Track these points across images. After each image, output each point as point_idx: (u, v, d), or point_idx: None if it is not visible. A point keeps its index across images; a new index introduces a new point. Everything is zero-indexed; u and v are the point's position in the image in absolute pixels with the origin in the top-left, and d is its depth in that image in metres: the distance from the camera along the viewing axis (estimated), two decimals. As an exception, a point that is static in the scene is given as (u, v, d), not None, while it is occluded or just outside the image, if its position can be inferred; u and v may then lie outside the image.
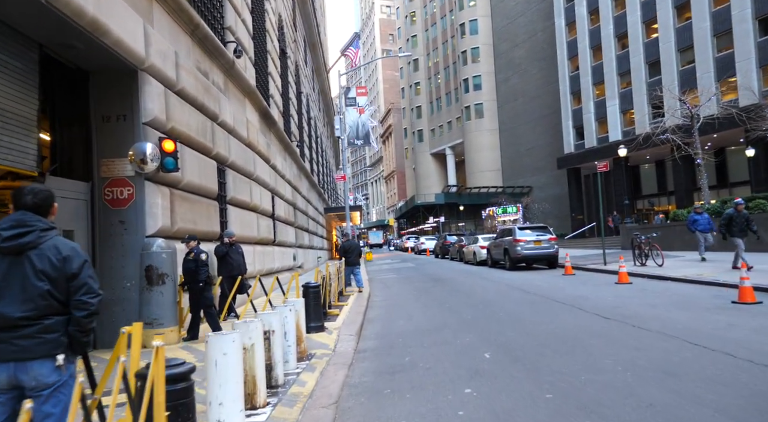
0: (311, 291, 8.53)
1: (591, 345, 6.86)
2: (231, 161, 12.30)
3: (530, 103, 59.57)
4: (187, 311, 8.62)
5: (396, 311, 11.52)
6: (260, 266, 14.54)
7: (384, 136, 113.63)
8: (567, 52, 47.92)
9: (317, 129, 41.04)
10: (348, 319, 9.95)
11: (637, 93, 40.21)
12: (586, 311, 9.50)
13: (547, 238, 20.48)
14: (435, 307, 11.62)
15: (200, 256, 8.12)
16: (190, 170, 9.57)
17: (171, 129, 8.82)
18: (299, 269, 21.99)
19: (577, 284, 14.14)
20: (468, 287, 15.47)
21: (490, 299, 12.29)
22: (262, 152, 15.80)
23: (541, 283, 15.10)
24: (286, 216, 19.81)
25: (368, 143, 25.75)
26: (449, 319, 9.79)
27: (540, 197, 55.57)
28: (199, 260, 8.11)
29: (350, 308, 11.57)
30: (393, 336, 8.57)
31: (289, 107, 23.79)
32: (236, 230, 12.41)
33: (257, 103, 15.73)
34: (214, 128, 11.16)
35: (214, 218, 10.85)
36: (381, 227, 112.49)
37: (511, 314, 9.73)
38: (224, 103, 12.03)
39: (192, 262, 8.14)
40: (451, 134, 75.71)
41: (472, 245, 26.98)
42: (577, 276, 16.60)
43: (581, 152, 45.84)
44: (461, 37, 69.24)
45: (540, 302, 11.17)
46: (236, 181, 12.63)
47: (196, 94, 10.10)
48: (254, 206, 14.26)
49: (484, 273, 20.12)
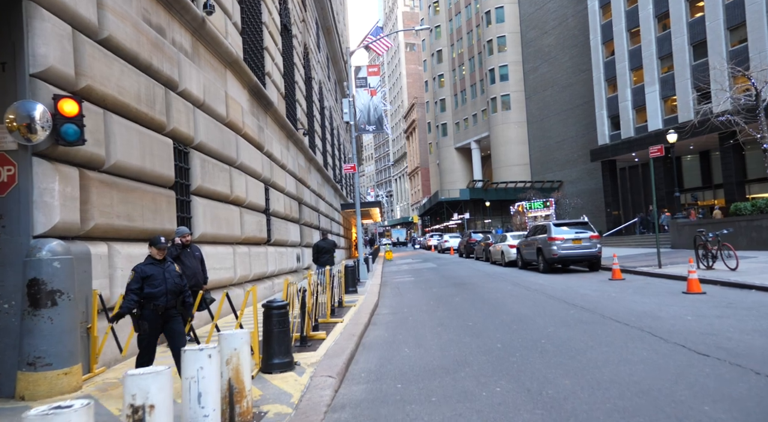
0: (274, 314, 6.02)
1: (709, 417, 4.21)
2: (199, 143, 9.87)
3: (560, 94, 56.28)
4: (103, 340, 6.19)
5: (403, 331, 8.96)
6: (245, 270, 12.12)
7: (408, 131, 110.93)
8: (601, 37, 44.63)
9: (333, 121, 38.63)
10: (336, 346, 7.42)
11: (680, 77, 36.84)
12: (664, 340, 6.81)
13: (588, 236, 17.68)
14: (454, 326, 9.02)
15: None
16: (125, 147, 7.15)
17: (85, 89, 6.41)
18: (306, 270, 19.56)
19: (633, 294, 11.38)
20: (496, 295, 12.83)
21: (524, 314, 9.64)
22: (251, 137, 13.38)
23: (587, 291, 12.37)
24: (286, 212, 17.38)
25: (381, 129, 23.16)
26: (472, 348, 7.19)
27: (571, 192, 52.38)
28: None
29: (345, 326, 9.04)
30: (390, 378, 6.02)
31: (294, 90, 21.37)
32: (207, 228, 10.00)
33: (244, 78, 13.31)
34: (170, 98, 8.74)
35: (168, 213, 8.42)
36: (405, 224, 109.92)
37: (559, 343, 7.09)
38: (189, 70, 9.61)
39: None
40: (476, 128, 72.62)
41: (500, 244, 24.25)
42: (629, 282, 13.81)
43: (617, 143, 42.57)
44: (487, 25, 66.11)
45: (593, 321, 8.49)
46: (207, 167, 10.20)
47: (137, 50, 7.68)
48: (236, 198, 11.84)
49: (515, 277, 17.43)
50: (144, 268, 5.47)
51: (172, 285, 5.56)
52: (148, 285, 5.40)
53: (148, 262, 5.55)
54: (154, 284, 5.42)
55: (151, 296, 5.40)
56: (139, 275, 5.39)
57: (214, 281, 10.07)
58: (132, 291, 5.32)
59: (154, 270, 5.49)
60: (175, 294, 5.57)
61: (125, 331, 6.48)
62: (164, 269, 5.55)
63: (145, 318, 5.36)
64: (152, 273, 5.45)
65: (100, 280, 6.44)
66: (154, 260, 5.57)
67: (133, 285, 5.34)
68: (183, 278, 5.80)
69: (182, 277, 5.80)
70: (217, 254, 10.44)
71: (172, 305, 5.54)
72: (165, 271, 5.55)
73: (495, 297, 12.47)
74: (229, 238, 11.36)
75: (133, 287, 5.34)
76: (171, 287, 5.54)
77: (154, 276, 5.45)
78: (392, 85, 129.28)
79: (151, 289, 5.41)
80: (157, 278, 5.45)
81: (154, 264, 5.54)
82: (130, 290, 5.33)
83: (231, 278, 11.17)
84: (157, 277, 5.45)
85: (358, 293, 14.21)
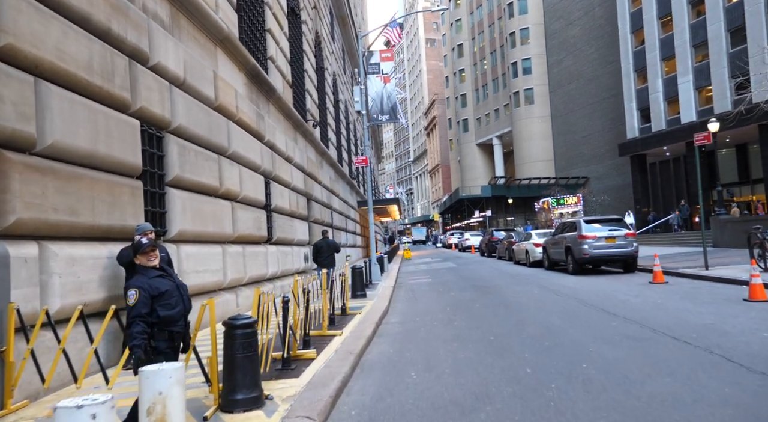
0: (238, 334, 4.63)
1: None
2: (178, 126, 8.55)
3: (586, 87, 54.17)
4: (21, 367, 4.86)
5: (413, 346, 7.53)
6: (237, 272, 10.79)
7: (428, 128, 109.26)
8: (630, 25, 42.53)
9: (349, 115, 37.29)
10: (326, 369, 6.03)
11: (716, 66, 34.67)
12: (747, 369, 5.27)
13: (623, 234, 16.03)
14: (473, 341, 7.57)
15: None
16: (67, 125, 5.84)
17: (5, 48, 5.11)
18: (315, 271, 18.24)
19: (682, 301, 9.78)
20: (521, 301, 11.32)
21: (556, 326, 8.14)
22: (248, 124, 12.06)
23: (626, 296, 10.79)
24: (292, 208, 16.05)
25: (394, 119, 21.68)
26: (494, 373, 5.73)
27: (598, 188, 50.25)
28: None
29: (344, 340, 7.64)
30: (389, 418, 4.61)
31: (303, 79, 20.04)
32: (188, 225, 8.69)
33: (240, 59, 11.99)
34: (136, 72, 7.42)
35: (132, 206, 7.10)
36: (425, 222, 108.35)
37: (605, 368, 5.59)
38: (165, 43, 8.29)
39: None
40: (498, 123, 70.65)
41: (525, 243, 22.65)
42: (673, 286, 12.19)
43: (647, 136, 40.48)
44: (509, 17, 64.12)
45: (643, 336, 6.97)
46: (188, 155, 8.88)
47: (88, 10, 6.37)
48: (227, 192, 10.51)
49: (541, 278, 15.86)
50: (151, 282, 3.95)
51: (189, 303, 4.22)
52: (162, 307, 3.92)
53: (152, 274, 4.04)
54: (171, 304, 3.99)
55: (170, 321, 3.96)
56: (148, 294, 3.86)
57: (196, 286, 8.76)
58: (140, 319, 3.79)
59: (167, 285, 4.02)
60: (188, 313, 4.26)
61: (48, 355, 5.13)
62: (177, 283, 4.16)
63: (160, 352, 3.92)
64: (166, 289, 3.98)
65: (24, 289, 5.13)
66: (158, 271, 4.10)
67: (141, 309, 3.81)
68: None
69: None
70: (201, 254, 9.12)
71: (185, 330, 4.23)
72: (179, 285, 4.16)
73: (520, 303, 10.96)
74: (218, 236, 10.03)
75: (143, 311, 3.81)
76: (188, 306, 4.21)
77: (170, 293, 4.00)
78: (412, 82, 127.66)
79: (168, 310, 3.95)
80: (173, 294, 4.02)
81: (163, 277, 4.07)
82: (138, 318, 3.79)
83: (219, 281, 9.85)
84: (172, 293, 4.03)
85: (366, 298, 12.82)
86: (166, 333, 3.96)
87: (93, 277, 6.20)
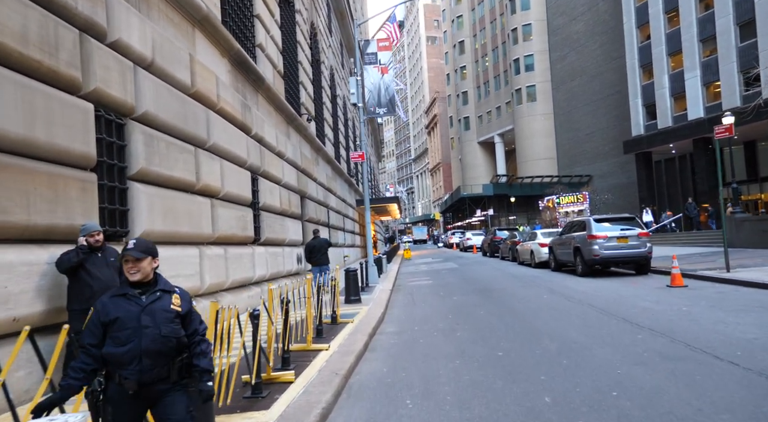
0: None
1: None
2: (144, 113, 7.54)
3: (590, 83, 53.11)
4: None
5: (409, 363, 6.53)
6: (218, 277, 9.79)
7: (429, 127, 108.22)
8: (635, 20, 41.47)
9: (347, 111, 36.27)
10: (304, 398, 5.02)
11: (725, 61, 33.61)
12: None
13: (636, 233, 15.00)
14: (479, 357, 6.56)
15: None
16: (-7, 105, 4.85)
17: None
18: (309, 273, 17.24)
19: (712, 309, 8.76)
20: (531, 307, 10.31)
21: (574, 340, 7.13)
22: (231, 115, 11.04)
23: (647, 303, 9.77)
24: (284, 207, 15.05)
25: (393, 112, 20.61)
26: (506, 403, 4.73)
27: (601, 186, 49.24)
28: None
29: (330, 356, 6.63)
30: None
31: (297, 71, 19.03)
32: (156, 224, 7.69)
33: (223, 44, 10.98)
34: (89, 48, 6.41)
35: (82, 203, 6.09)
36: (426, 221, 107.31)
37: (642, 400, 4.57)
38: (127, 17, 7.28)
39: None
40: (500, 121, 69.59)
41: (529, 242, 21.64)
42: (694, 290, 11.17)
43: (653, 133, 39.43)
44: (511, 13, 63.04)
45: (678, 355, 5.94)
46: (157, 146, 7.87)
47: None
48: (205, 188, 9.50)
49: (549, 281, 14.86)
50: (107, 302, 2.93)
51: (153, 339, 2.88)
52: (111, 339, 2.87)
53: (119, 292, 2.99)
54: (120, 339, 2.86)
55: (116, 363, 2.86)
56: (98, 318, 2.89)
57: (166, 293, 7.76)
58: (83, 351, 2.87)
59: (123, 310, 2.90)
60: (164, 355, 2.94)
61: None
62: (143, 306, 2.93)
63: (108, 400, 2.89)
64: (117, 317, 2.87)
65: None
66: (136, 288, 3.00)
67: (86, 338, 2.87)
68: (180, 322, 3.05)
69: (184, 318, 3.08)
70: (173, 257, 8.12)
71: (159, 376, 2.92)
72: (145, 309, 2.92)
73: (530, 310, 9.95)
74: (194, 237, 9.03)
75: (86, 342, 2.87)
76: (152, 342, 2.88)
77: (122, 323, 2.87)
78: (413, 80, 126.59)
79: (114, 347, 2.85)
80: (126, 325, 2.87)
81: (126, 297, 2.94)
82: (82, 348, 2.87)
83: (195, 287, 8.85)
84: (126, 324, 2.87)
85: (361, 304, 11.82)
86: (116, 376, 2.87)
87: (27, 287, 5.20)
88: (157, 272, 3.20)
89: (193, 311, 3.19)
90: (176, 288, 3.19)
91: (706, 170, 35.99)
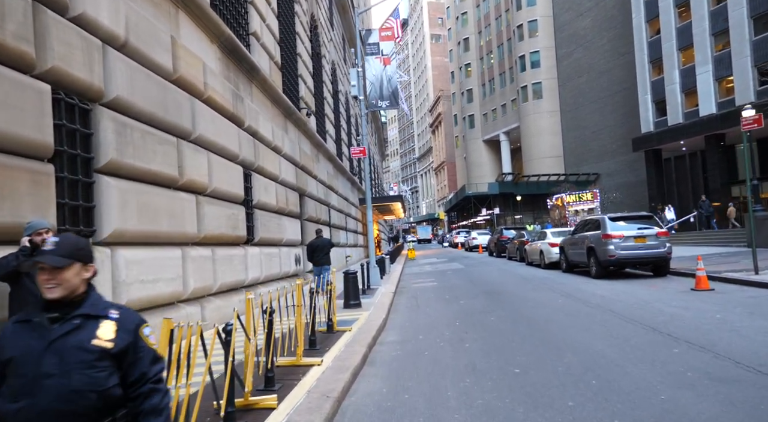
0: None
1: None
2: (115, 98, 6.71)
3: (597, 80, 52.11)
4: None
5: (413, 382, 5.68)
6: (204, 280, 8.96)
7: (433, 125, 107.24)
8: (645, 14, 40.49)
9: (350, 107, 35.43)
10: (288, 428, 4.19)
11: (738, 55, 32.63)
12: None
13: (654, 232, 14.12)
14: (493, 375, 5.71)
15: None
16: None
17: None
18: (309, 273, 16.46)
19: (752, 317, 7.85)
20: (545, 313, 9.45)
21: (600, 354, 6.26)
22: (220, 105, 10.22)
23: (673, 309, 8.89)
24: (281, 205, 14.23)
25: (395, 105, 19.79)
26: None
27: (609, 185, 48.29)
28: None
29: (322, 373, 5.78)
30: None
31: (295, 63, 18.21)
32: (130, 223, 6.86)
33: (212, 28, 10.17)
34: (45, 21, 5.59)
35: (33, 198, 5.27)
36: (431, 221, 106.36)
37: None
38: (97, -10, 6.46)
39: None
40: (505, 119, 68.60)
41: (539, 242, 20.76)
42: (722, 294, 10.28)
43: (663, 130, 38.45)
44: (517, 9, 62.07)
45: (730, 376, 5.07)
46: (131, 135, 7.05)
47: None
48: (190, 183, 8.68)
49: (562, 284, 13.99)
50: (5, 333, 2.03)
51: (58, 396, 1.90)
52: (7, 387, 1.95)
53: (24, 317, 2.05)
54: (13, 390, 1.94)
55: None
56: None
57: (143, 300, 6.94)
58: None
59: (24, 346, 1.97)
60: (77, 420, 1.93)
61: None
62: (49, 341, 1.95)
63: None
64: (12, 357, 1.96)
65: None
66: (30, 313, 2.06)
67: None
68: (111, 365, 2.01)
69: (121, 359, 2.04)
70: (151, 260, 7.29)
71: None
72: (50, 346, 1.95)
73: (545, 317, 9.09)
74: (176, 237, 8.21)
75: None
76: (56, 399, 1.90)
77: (16, 365, 1.95)
78: (417, 79, 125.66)
79: (3, 403, 1.93)
80: (20, 368, 1.94)
81: (29, 323, 2.01)
82: None
83: (177, 292, 8.03)
84: (21, 366, 1.94)
85: (361, 308, 10.97)
86: None
87: (-42, 297, 4.39)
88: (91, 285, 2.15)
89: (141, 345, 2.10)
90: (113, 312, 2.09)
91: (718, 167, 35.02)
